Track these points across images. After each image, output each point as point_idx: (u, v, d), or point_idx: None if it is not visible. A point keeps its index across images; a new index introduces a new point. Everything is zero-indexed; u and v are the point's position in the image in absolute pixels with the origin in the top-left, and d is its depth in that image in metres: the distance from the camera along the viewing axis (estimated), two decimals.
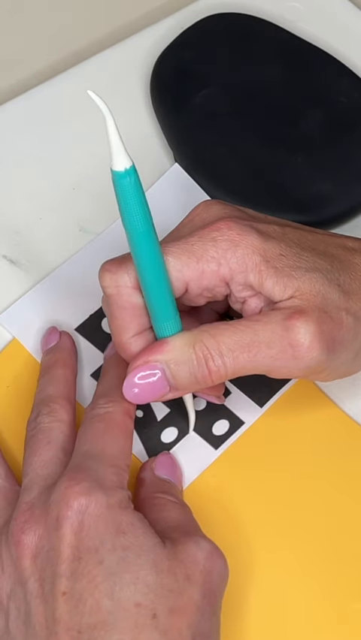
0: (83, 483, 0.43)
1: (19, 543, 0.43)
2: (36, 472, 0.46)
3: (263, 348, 0.44)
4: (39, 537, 0.43)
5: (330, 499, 0.49)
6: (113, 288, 0.45)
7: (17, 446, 0.50)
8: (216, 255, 0.44)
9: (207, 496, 0.48)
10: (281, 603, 0.47)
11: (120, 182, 0.42)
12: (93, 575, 0.41)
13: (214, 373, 0.44)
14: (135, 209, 0.42)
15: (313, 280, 0.44)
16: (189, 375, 0.44)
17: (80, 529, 0.42)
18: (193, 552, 0.43)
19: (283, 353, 0.44)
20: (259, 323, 0.44)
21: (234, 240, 0.45)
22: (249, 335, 0.44)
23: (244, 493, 0.49)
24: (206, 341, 0.44)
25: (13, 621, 0.43)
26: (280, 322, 0.44)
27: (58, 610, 0.41)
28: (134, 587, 0.41)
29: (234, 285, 0.45)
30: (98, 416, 0.47)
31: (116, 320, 0.46)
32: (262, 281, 0.44)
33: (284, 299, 0.44)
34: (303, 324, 0.44)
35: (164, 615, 0.41)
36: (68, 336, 0.52)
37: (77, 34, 0.65)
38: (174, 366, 0.44)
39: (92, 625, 0.41)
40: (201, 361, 0.44)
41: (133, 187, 0.42)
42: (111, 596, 0.41)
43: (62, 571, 0.41)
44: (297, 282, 0.44)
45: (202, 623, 0.42)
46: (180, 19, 0.64)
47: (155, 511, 0.46)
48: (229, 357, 0.44)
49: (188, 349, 0.44)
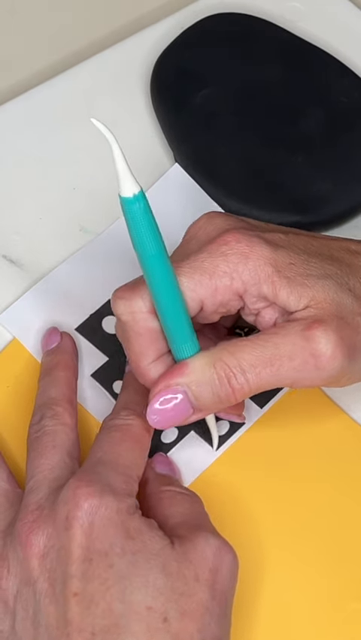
0: (94, 485, 0.43)
1: (27, 543, 0.42)
2: (43, 474, 0.45)
3: (285, 361, 0.43)
4: (48, 537, 0.42)
5: (330, 500, 0.49)
6: (128, 315, 0.45)
7: (17, 446, 0.50)
8: (228, 269, 0.44)
9: (207, 496, 0.48)
10: (281, 603, 0.47)
11: (130, 208, 0.42)
12: (104, 577, 0.41)
13: (238, 391, 0.44)
14: (146, 234, 0.42)
15: (325, 287, 0.44)
16: (212, 396, 0.44)
17: (91, 530, 0.42)
18: (201, 549, 0.43)
19: (306, 364, 0.43)
20: (278, 336, 0.44)
21: (244, 252, 0.44)
22: (270, 349, 0.43)
23: (244, 493, 0.49)
24: (226, 359, 0.44)
25: (21, 622, 0.42)
26: (299, 333, 0.43)
27: (70, 611, 0.41)
28: (145, 591, 0.41)
29: (248, 298, 0.45)
30: (117, 426, 0.47)
31: (134, 347, 0.45)
32: (276, 292, 0.44)
33: (300, 309, 0.44)
34: (323, 334, 0.43)
35: (175, 619, 0.41)
36: (69, 337, 0.52)
37: (77, 34, 0.65)
38: (195, 388, 0.44)
39: (105, 627, 0.41)
40: (223, 380, 0.44)
41: (142, 212, 0.42)
42: (122, 599, 0.41)
43: (73, 571, 0.41)
44: (311, 290, 0.44)
45: (212, 626, 0.42)
46: (180, 19, 0.64)
47: (164, 505, 0.46)
48: (251, 373, 0.43)
49: (209, 369, 0.44)
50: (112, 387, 0.52)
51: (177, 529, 0.44)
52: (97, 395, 0.51)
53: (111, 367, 0.52)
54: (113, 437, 0.46)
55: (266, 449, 0.50)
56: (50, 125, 0.61)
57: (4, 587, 0.43)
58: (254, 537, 0.48)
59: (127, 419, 0.47)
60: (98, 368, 0.52)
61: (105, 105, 0.62)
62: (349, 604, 0.47)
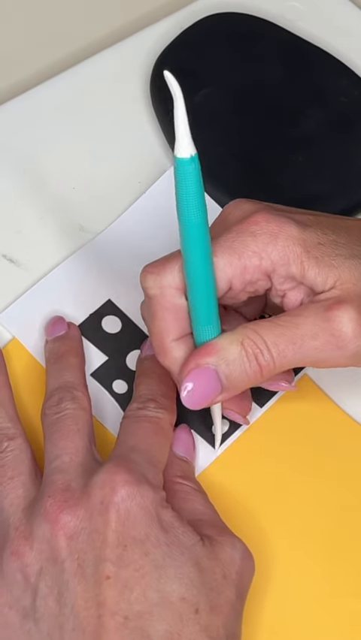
0: (132, 473, 0.43)
1: (57, 522, 0.43)
2: (70, 456, 0.46)
3: (307, 340, 0.44)
4: (79, 518, 0.43)
5: (330, 499, 0.49)
6: (156, 289, 0.45)
7: None
8: (257, 249, 0.44)
9: (207, 495, 0.48)
10: (282, 601, 0.47)
11: (183, 169, 0.41)
12: (140, 564, 0.42)
13: (265, 368, 0.44)
14: (194, 200, 0.41)
15: (352, 267, 0.44)
16: (241, 373, 0.44)
17: (127, 517, 0.42)
18: (230, 552, 0.44)
19: (328, 344, 0.44)
20: (299, 317, 0.44)
21: (273, 232, 0.44)
22: (291, 329, 0.44)
23: (244, 492, 0.49)
24: (253, 337, 0.44)
25: (43, 599, 0.42)
26: (321, 314, 0.44)
27: (102, 594, 0.41)
28: (179, 582, 0.42)
29: (276, 278, 0.45)
30: (147, 418, 0.47)
31: (159, 322, 0.45)
32: (304, 272, 0.44)
33: (326, 289, 0.44)
34: (344, 313, 0.43)
35: (205, 612, 0.42)
36: (76, 327, 0.53)
37: (77, 34, 0.65)
38: (225, 367, 0.44)
39: (138, 613, 0.41)
40: (252, 357, 0.44)
41: (195, 176, 0.41)
42: (157, 587, 0.42)
43: (107, 555, 0.42)
44: (337, 270, 0.44)
45: (235, 623, 0.43)
46: (180, 19, 0.64)
47: (178, 498, 0.46)
48: (274, 350, 0.44)
49: (237, 347, 0.44)
50: (111, 387, 0.52)
51: (201, 527, 0.44)
52: (96, 394, 0.51)
53: (111, 367, 0.52)
54: (145, 428, 0.47)
55: (266, 449, 0.50)
56: (49, 125, 0.61)
57: (26, 563, 0.43)
58: (254, 536, 0.48)
59: (157, 412, 0.48)
60: (98, 367, 0.52)
61: (105, 105, 0.62)
62: (350, 602, 0.47)
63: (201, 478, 0.50)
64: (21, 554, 0.43)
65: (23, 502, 0.45)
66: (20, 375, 0.52)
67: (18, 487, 0.46)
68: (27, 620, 0.43)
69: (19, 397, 0.51)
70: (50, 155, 0.60)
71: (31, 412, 0.51)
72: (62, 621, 0.42)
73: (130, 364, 0.52)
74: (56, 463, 0.45)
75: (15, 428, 0.48)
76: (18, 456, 0.47)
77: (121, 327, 0.53)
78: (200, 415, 0.51)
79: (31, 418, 0.51)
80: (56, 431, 0.47)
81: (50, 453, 0.46)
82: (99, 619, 0.41)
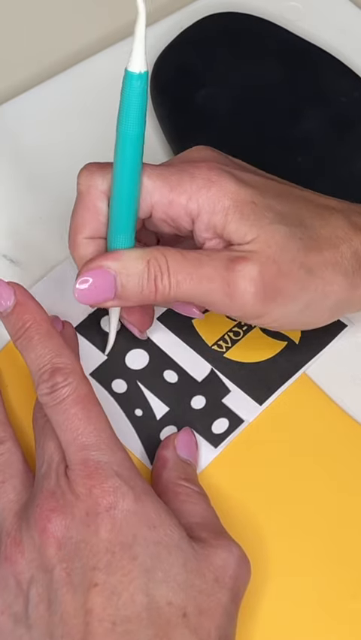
0: (107, 481, 0.43)
1: (45, 531, 0.43)
2: (51, 457, 0.45)
3: (204, 280, 0.45)
4: (66, 527, 0.43)
5: (330, 498, 0.49)
6: (85, 187, 0.47)
7: None
8: (189, 189, 0.46)
9: (207, 494, 0.48)
10: (281, 602, 0.47)
11: (130, 83, 0.43)
12: (128, 569, 0.42)
13: (159, 291, 0.46)
14: (134, 115, 0.43)
15: (274, 231, 0.46)
16: (137, 288, 0.46)
17: (113, 525, 0.42)
18: (225, 557, 0.43)
19: (220, 290, 0.45)
20: (206, 258, 0.46)
21: (210, 179, 0.46)
22: (194, 265, 0.46)
23: (244, 491, 0.49)
24: (159, 259, 0.46)
25: (34, 607, 0.43)
26: (224, 262, 0.45)
27: (89, 601, 0.41)
28: (166, 585, 0.42)
29: (198, 224, 0.46)
30: (67, 398, 0.44)
31: (77, 217, 0.48)
32: (225, 224, 0.46)
33: (241, 243, 0.46)
34: (244, 268, 0.45)
35: (193, 615, 0.42)
36: (71, 325, 0.53)
37: (77, 35, 0.65)
38: (125, 276, 0.46)
39: (126, 618, 0.41)
40: (151, 277, 0.46)
41: (140, 92, 0.43)
42: (146, 592, 0.42)
43: (95, 563, 0.42)
44: (258, 230, 0.46)
45: (228, 627, 0.43)
46: (180, 18, 0.64)
47: (179, 500, 0.46)
48: (173, 279, 0.45)
49: (141, 263, 0.46)
50: (111, 386, 0.52)
51: (197, 530, 0.44)
52: (96, 394, 0.51)
53: (110, 366, 0.52)
54: (74, 415, 0.44)
55: (266, 447, 0.50)
56: (49, 124, 0.61)
57: (18, 571, 0.43)
58: (253, 536, 0.48)
59: (69, 384, 0.45)
60: (97, 367, 0.52)
61: (105, 105, 0.61)
62: (349, 603, 0.47)
63: (200, 476, 0.50)
64: (13, 561, 0.43)
65: (15, 507, 0.45)
66: (20, 376, 0.52)
67: (9, 491, 0.45)
68: (19, 626, 0.43)
69: (18, 398, 0.51)
70: (50, 155, 0.60)
71: (21, 414, 0.51)
72: (52, 629, 0.42)
73: (129, 364, 0.52)
74: (44, 469, 0.45)
75: (5, 431, 0.48)
76: (8, 459, 0.47)
77: (120, 327, 0.53)
78: (200, 414, 0.51)
79: (21, 421, 0.51)
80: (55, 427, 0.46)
81: (40, 457, 0.46)
82: (87, 626, 0.41)
